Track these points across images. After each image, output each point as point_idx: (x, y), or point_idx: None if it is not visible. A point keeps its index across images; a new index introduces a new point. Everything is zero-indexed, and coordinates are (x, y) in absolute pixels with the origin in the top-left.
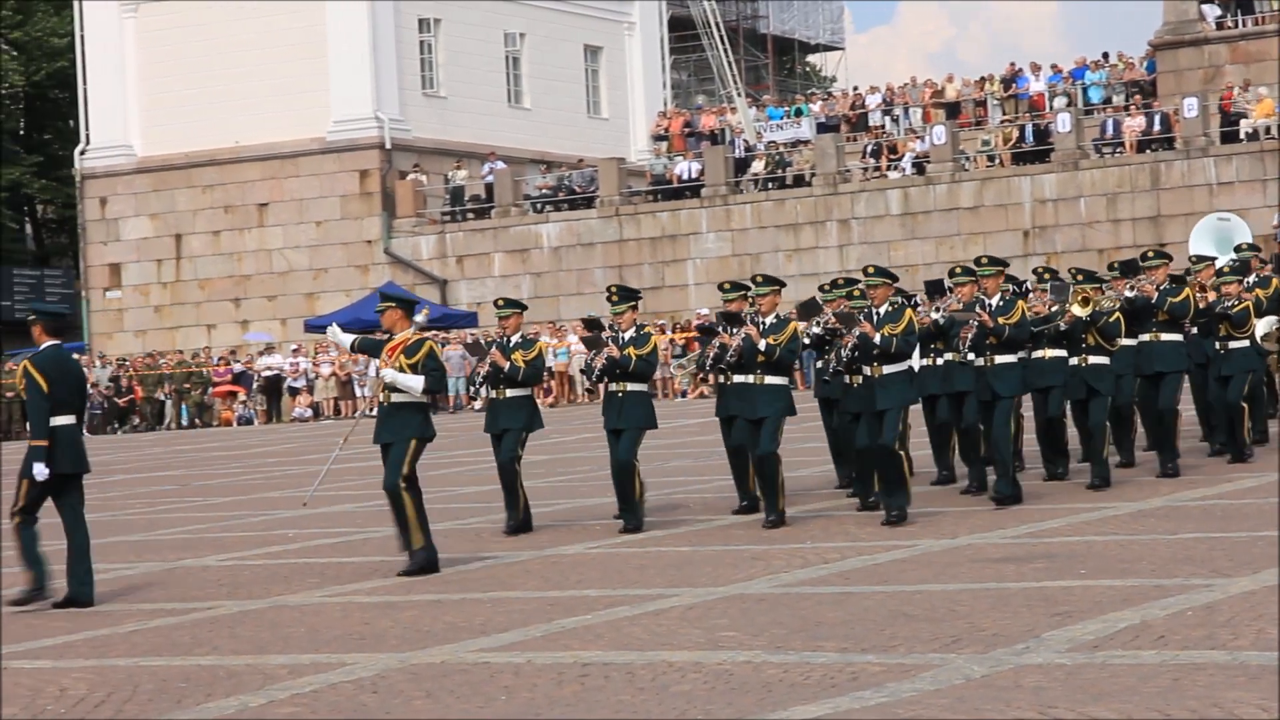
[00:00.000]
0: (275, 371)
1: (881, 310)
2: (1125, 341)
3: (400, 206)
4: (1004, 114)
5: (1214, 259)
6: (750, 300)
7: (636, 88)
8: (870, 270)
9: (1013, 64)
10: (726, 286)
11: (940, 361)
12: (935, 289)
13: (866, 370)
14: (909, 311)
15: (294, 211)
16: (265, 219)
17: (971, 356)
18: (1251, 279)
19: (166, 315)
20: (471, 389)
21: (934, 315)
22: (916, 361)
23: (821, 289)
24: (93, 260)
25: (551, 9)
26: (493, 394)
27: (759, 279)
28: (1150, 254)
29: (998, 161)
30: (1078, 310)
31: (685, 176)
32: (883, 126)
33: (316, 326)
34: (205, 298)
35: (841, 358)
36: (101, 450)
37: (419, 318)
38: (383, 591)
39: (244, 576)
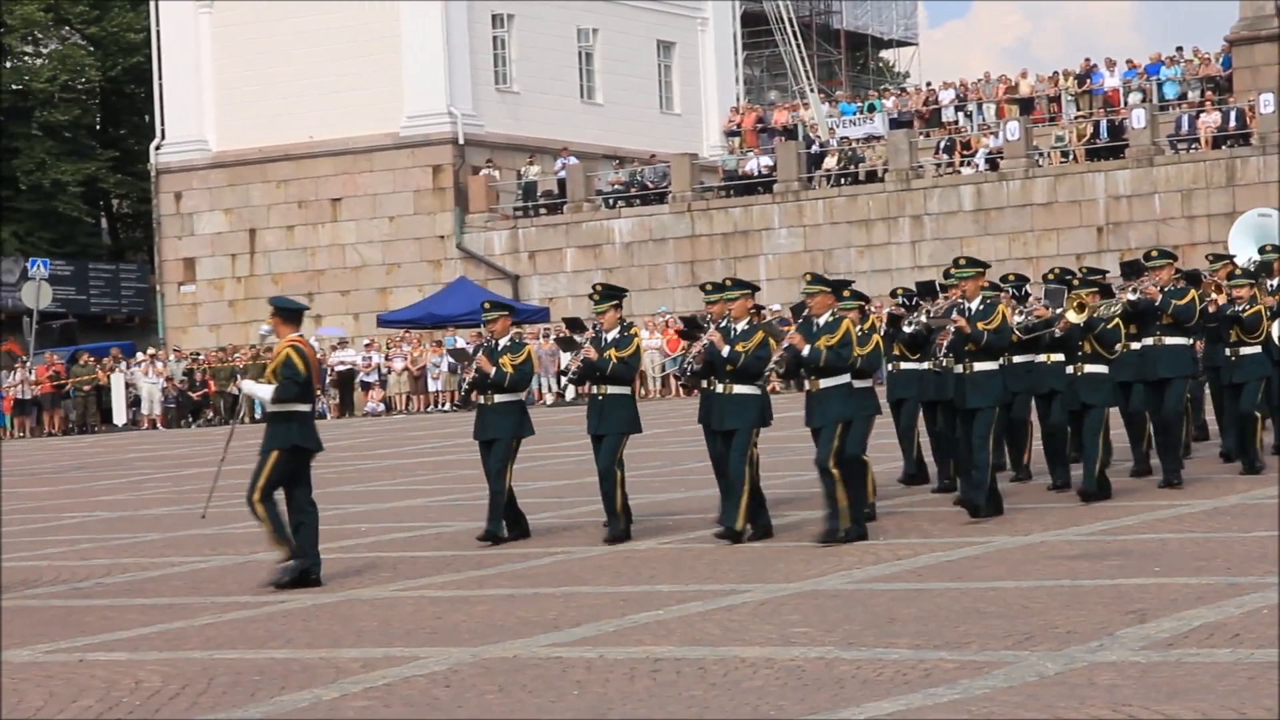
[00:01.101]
0: (348, 366)
1: (821, 320)
2: (1133, 346)
3: (473, 202)
4: (1078, 110)
5: (1233, 257)
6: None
7: (709, 83)
8: (808, 278)
9: (1087, 59)
10: (708, 288)
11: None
12: (926, 290)
13: (806, 384)
14: (846, 323)
15: (367, 206)
16: (339, 214)
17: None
18: (1275, 282)
19: (240, 309)
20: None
21: (907, 328)
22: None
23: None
24: (167, 255)
25: (625, 5)
26: (481, 400)
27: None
28: (1154, 253)
29: (1072, 157)
30: (1072, 316)
31: (757, 172)
32: (956, 122)
33: (389, 322)
34: (278, 292)
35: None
36: (175, 444)
37: (264, 329)
38: (455, 586)
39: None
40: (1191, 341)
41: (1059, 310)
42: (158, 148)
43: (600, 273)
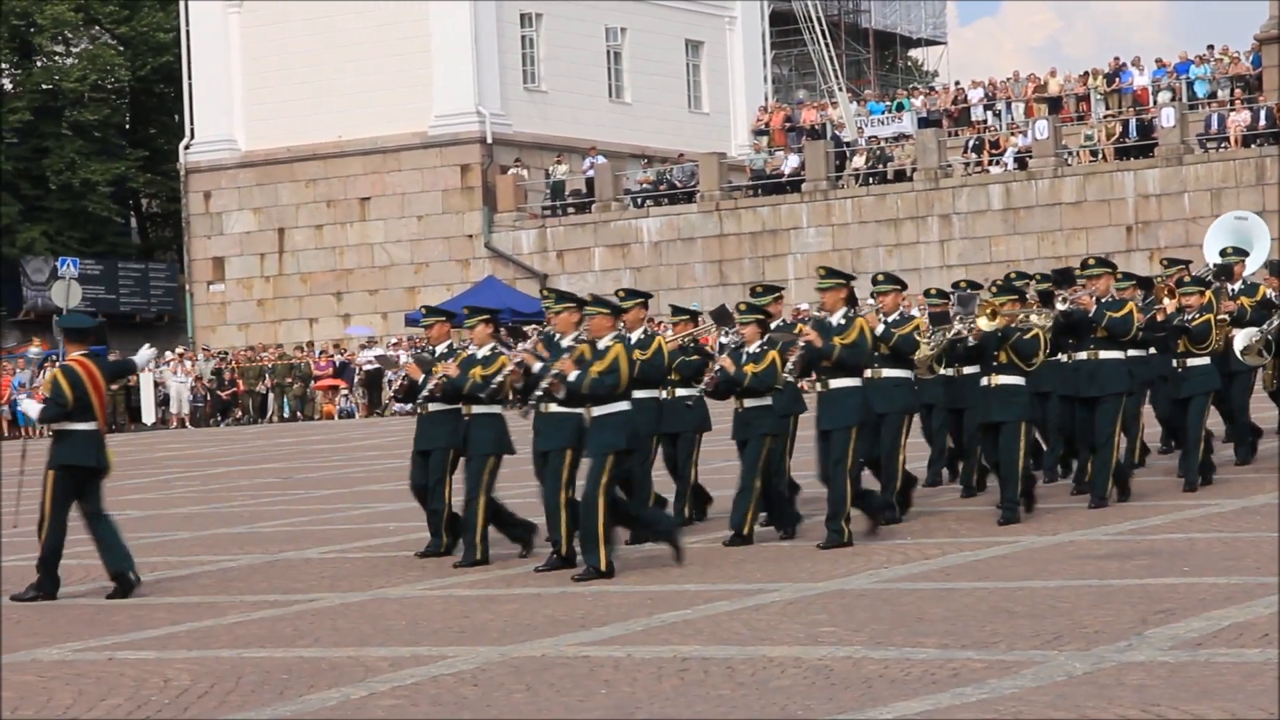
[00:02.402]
0: (376, 365)
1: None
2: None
3: (501, 201)
4: (1107, 108)
5: (1188, 263)
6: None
7: (737, 82)
8: (821, 272)
9: (1116, 58)
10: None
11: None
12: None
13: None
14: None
15: (396, 206)
16: (367, 213)
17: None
18: (1236, 286)
19: (269, 309)
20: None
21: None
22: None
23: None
24: (197, 254)
25: (653, 4)
26: (419, 409)
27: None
28: (1091, 261)
29: (1101, 156)
30: (984, 324)
31: (788, 171)
32: (985, 121)
33: (417, 321)
34: (307, 291)
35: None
36: (205, 443)
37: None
38: (483, 585)
39: (345, 569)
40: (1127, 356)
41: (972, 318)
42: (187, 147)
43: (629, 272)
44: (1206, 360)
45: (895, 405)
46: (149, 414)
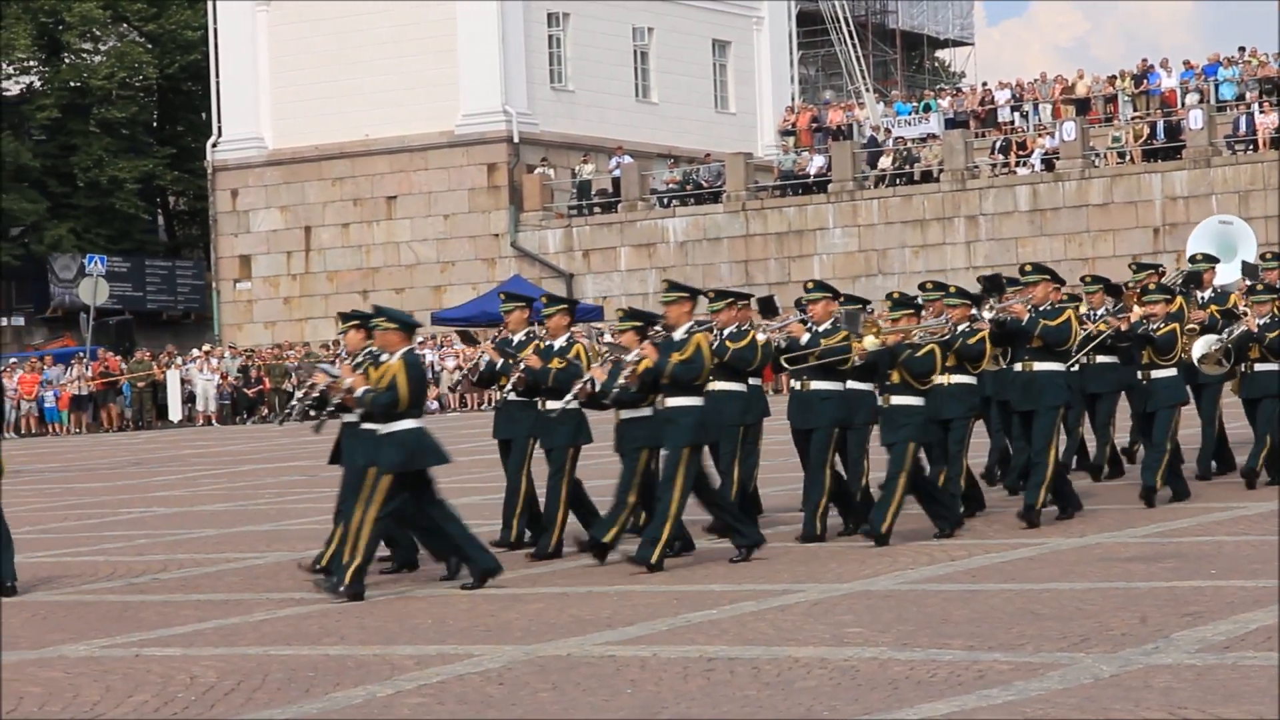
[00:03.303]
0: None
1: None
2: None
3: (527, 200)
4: (1135, 110)
5: (1158, 267)
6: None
7: (764, 83)
8: (710, 294)
9: (1144, 60)
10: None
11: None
12: (767, 308)
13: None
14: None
15: (422, 205)
16: (394, 212)
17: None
18: (1207, 294)
19: (295, 307)
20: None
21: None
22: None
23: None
24: (223, 252)
25: (680, 4)
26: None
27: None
28: (1028, 268)
29: (1128, 158)
30: (868, 343)
31: (812, 172)
32: (1012, 122)
33: (443, 320)
34: (334, 290)
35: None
36: (230, 440)
37: None
38: (509, 584)
39: (371, 567)
40: (1066, 368)
41: (857, 335)
42: (214, 145)
43: (654, 272)
44: (1173, 371)
45: (823, 420)
46: (175, 411)
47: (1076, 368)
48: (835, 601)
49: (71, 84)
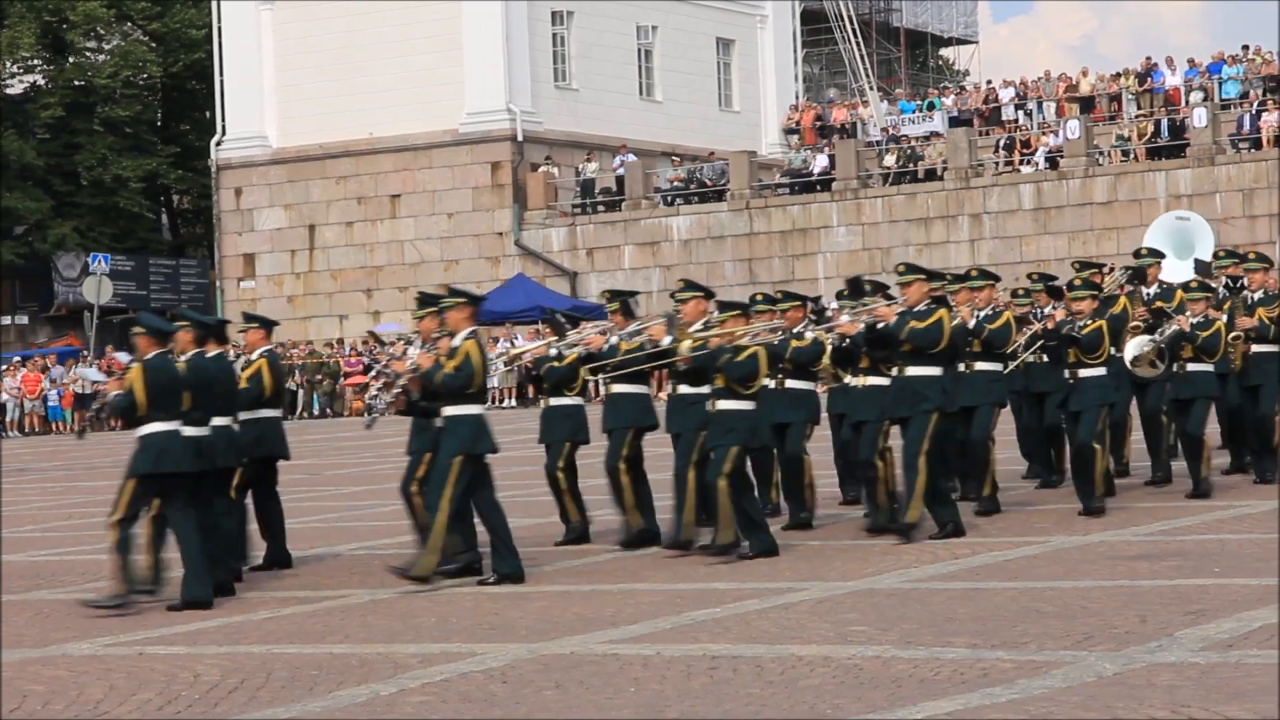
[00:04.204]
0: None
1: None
2: (877, 380)
3: (531, 199)
4: (1139, 108)
5: (1103, 265)
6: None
7: (768, 81)
8: (901, 268)
9: (1148, 58)
10: (901, 269)
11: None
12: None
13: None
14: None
15: (426, 203)
16: (398, 210)
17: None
18: (1152, 290)
19: (299, 305)
20: None
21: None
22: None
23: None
24: (227, 250)
25: (684, 2)
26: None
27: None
28: (901, 269)
29: (1132, 156)
30: (684, 349)
31: (815, 170)
32: (1016, 120)
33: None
34: (338, 288)
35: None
36: None
37: None
38: (510, 582)
39: (375, 565)
40: (941, 371)
41: (675, 340)
42: (218, 144)
43: (658, 270)
44: (1101, 370)
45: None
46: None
47: (1009, 368)
48: (839, 600)
49: (76, 83)
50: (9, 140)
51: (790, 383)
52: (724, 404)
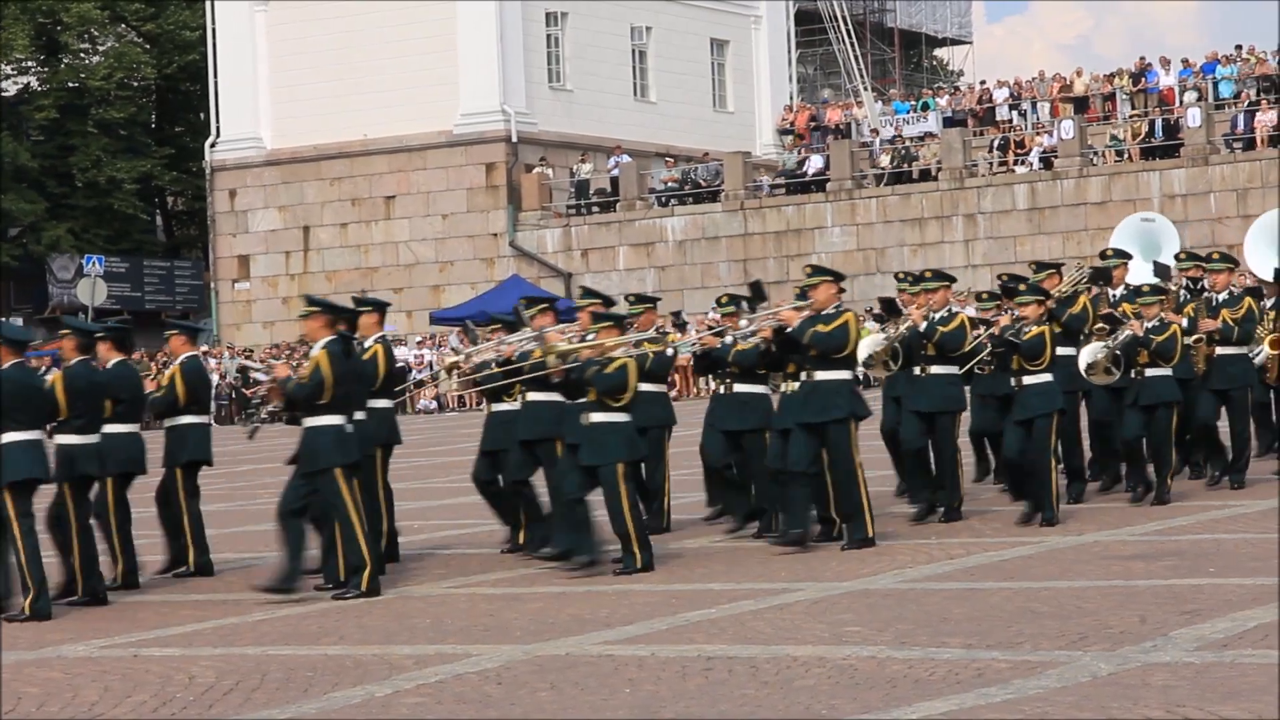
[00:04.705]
0: (401, 363)
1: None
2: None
3: (526, 200)
4: (1133, 108)
5: (1060, 266)
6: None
7: (762, 81)
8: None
9: (1142, 58)
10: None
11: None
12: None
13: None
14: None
15: (421, 204)
16: (392, 211)
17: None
18: (1118, 292)
19: (294, 307)
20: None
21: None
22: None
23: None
24: (222, 252)
25: (678, 3)
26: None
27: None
28: (808, 270)
29: (1126, 156)
30: (551, 361)
31: (810, 171)
32: (1010, 121)
33: (442, 319)
34: (332, 290)
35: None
36: (229, 440)
37: None
38: (507, 583)
39: None
40: (851, 376)
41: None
42: (213, 145)
43: (653, 271)
44: (1047, 377)
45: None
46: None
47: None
48: (834, 600)
49: (69, 84)
50: (3, 142)
51: (739, 387)
52: (597, 417)
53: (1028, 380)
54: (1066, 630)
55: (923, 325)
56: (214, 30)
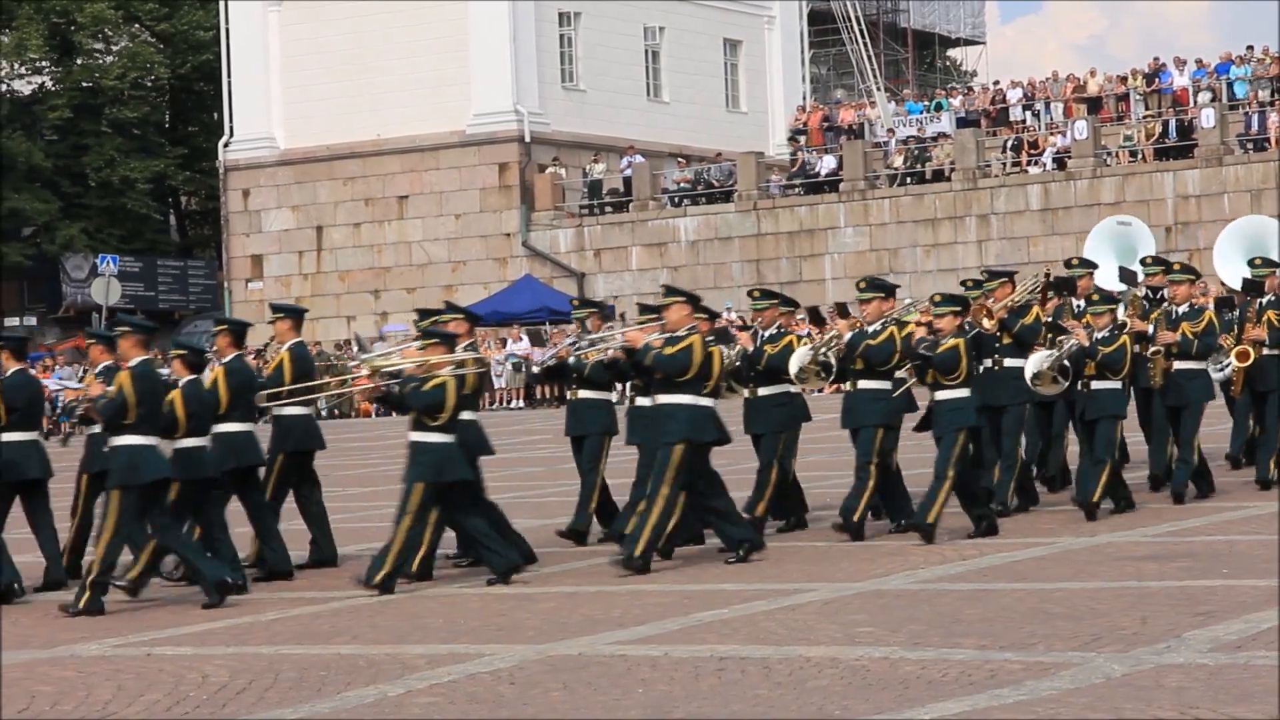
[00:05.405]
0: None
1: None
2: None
3: (539, 200)
4: (1147, 109)
5: (1013, 274)
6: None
7: (775, 82)
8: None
9: (1156, 58)
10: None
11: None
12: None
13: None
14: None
15: (433, 204)
16: (405, 211)
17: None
18: (1082, 303)
19: (307, 306)
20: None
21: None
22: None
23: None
24: (235, 252)
25: (691, 3)
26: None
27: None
28: (664, 290)
29: (1140, 157)
30: (374, 376)
31: (823, 171)
32: (1023, 121)
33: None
34: (345, 289)
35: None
36: None
37: None
38: (520, 583)
39: None
40: (693, 400)
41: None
42: (226, 145)
43: (666, 271)
44: (964, 392)
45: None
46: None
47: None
48: (846, 601)
49: (83, 84)
50: (17, 142)
51: (583, 393)
52: (415, 436)
53: (941, 395)
54: (1079, 631)
55: (847, 336)
56: (227, 30)
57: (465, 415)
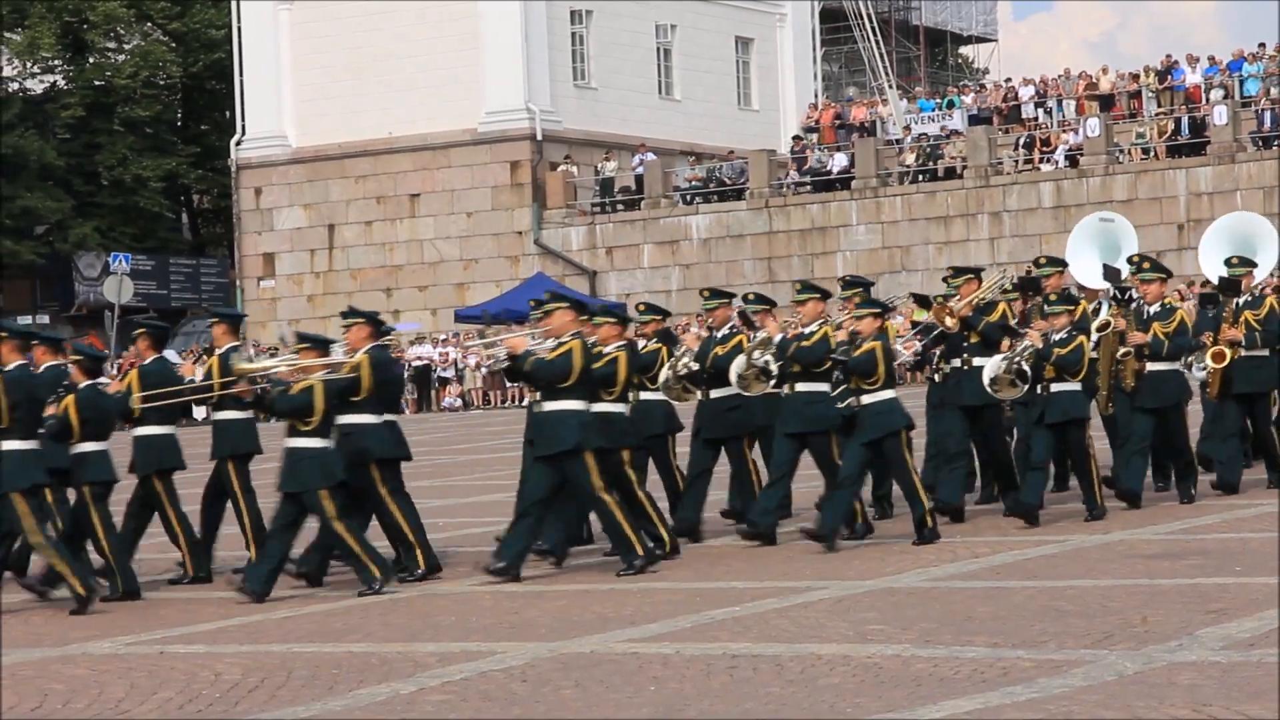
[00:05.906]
0: (425, 361)
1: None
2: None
3: (550, 198)
4: (1159, 106)
5: (980, 271)
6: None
7: (787, 80)
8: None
9: (1168, 56)
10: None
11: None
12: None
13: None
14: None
15: (445, 202)
16: (417, 209)
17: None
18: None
19: (319, 305)
20: None
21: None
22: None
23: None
24: (247, 250)
25: (703, 1)
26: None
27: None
28: (548, 296)
29: (1152, 154)
30: (243, 379)
31: (835, 169)
32: (1036, 118)
33: (467, 317)
34: (357, 287)
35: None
36: None
37: None
38: (532, 581)
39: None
40: (582, 406)
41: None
42: (238, 143)
43: (678, 269)
44: (887, 394)
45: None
46: (199, 409)
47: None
48: (858, 598)
49: (96, 83)
50: (30, 140)
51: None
52: (292, 442)
53: (866, 400)
54: (1091, 629)
55: (777, 337)
56: (239, 29)
57: (370, 419)
